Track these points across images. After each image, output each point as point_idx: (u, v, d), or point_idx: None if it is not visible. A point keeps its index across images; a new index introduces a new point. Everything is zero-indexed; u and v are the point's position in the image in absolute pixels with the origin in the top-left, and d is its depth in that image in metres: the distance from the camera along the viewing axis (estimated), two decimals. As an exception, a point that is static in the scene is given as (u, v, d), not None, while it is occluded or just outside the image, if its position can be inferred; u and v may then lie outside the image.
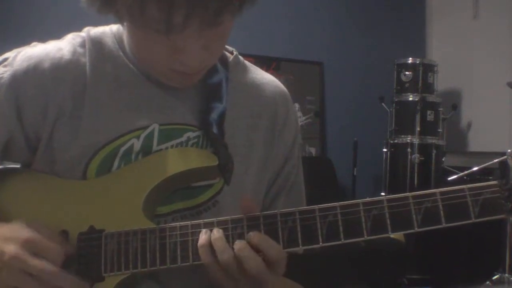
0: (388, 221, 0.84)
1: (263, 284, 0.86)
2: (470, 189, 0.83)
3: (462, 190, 0.83)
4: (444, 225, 0.82)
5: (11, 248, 0.83)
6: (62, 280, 0.85)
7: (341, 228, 0.85)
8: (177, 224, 0.89)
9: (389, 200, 0.85)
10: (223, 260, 0.84)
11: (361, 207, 0.85)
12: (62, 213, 0.93)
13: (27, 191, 0.96)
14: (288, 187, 1.10)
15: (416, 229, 0.83)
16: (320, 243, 0.85)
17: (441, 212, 0.83)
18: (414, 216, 0.83)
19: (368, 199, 0.85)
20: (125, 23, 0.89)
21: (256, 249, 0.85)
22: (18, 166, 0.99)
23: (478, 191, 0.83)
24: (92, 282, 0.88)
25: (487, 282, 2.95)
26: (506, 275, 2.92)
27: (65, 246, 0.88)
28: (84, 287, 0.87)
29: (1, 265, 0.83)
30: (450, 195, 0.83)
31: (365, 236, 0.84)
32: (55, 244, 0.86)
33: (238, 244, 0.84)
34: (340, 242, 0.85)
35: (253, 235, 0.85)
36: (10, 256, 0.83)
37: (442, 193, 0.84)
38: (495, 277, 2.96)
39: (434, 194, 0.84)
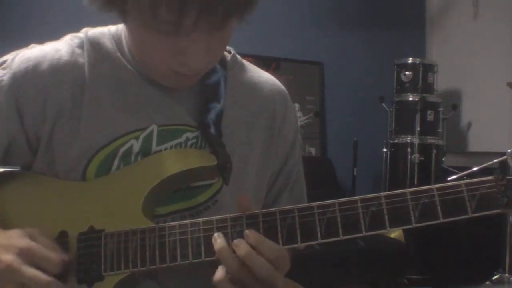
0: (386, 217, 0.84)
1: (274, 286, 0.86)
2: (466, 184, 0.84)
3: (459, 185, 0.84)
4: (441, 220, 0.83)
5: (7, 257, 0.83)
6: None
7: (339, 225, 0.85)
8: (176, 223, 0.89)
9: (387, 197, 0.85)
10: (231, 268, 0.84)
11: (359, 204, 0.85)
12: (62, 214, 0.93)
13: (27, 193, 0.97)
14: (291, 185, 1.10)
15: (414, 225, 0.84)
16: (319, 240, 0.85)
17: (439, 207, 0.84)
18: (411, 211, 0.84)
19: (366, 195, 0.86)
20: (128, 23, 0.89)
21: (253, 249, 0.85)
22: (18, 168, 0.99)
23: (475, 186, 0.84)
24: (92, 282, 0.89)
25: (487, 282, 2.95)
26: (506, 275, 2.92)
27: (63, 255, 0.88)
28: None
29: None
30: (447, 191, 0.84)
31: (364, 232, 0.85)
32: (53, 253, 0.86)
33: (243, 249, 0.84)
34: (338, 238, 0.85)
35: (250, 235, 0.85)
36: (6, 265, 0.83)
37: (439, 189, 0.84)
38: (495, 277, 2.96)
39: (431, 190, 0.84)
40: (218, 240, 0.85)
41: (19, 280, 0.83)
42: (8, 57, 0.99)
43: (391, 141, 3.80)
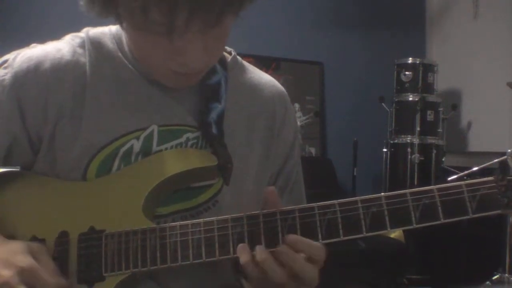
0: (387, 218, 0.84)
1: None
2: (467, 185, 0.84)
3: (459, 186, 0.84)
4: (442, 221, 0.83)
5: (6, 273, 0.83)
6: None
7: (340, 225, 0.85)
8: (177, 223, 0.89)
9: (387, 197, 0.85)
10: (275, 277, 0.84)
11: (360, 204, 0.85)
12: (62, 214, 0.93)
13: (28, 194, 0.96)
14: (290, 186, 1.10)
15: (415, 225, 0.84)
16: (320, 240, 0.86)
17: (439, 208, 0.84)
18: (412, 212, 0.84)
19: (366, 196, 0.86)
20: (124, 25, 0.90)
21: (296, 250, 0.85)
22: (18, 169, 0.99)
23: (475, 187, 0.84)
24: (92, 282, 0.89)
25: (487, 282, 2.96)
26: (506, 275, 2.92)
27: (62, 280, 0.87)
28: None
29: None
30: (447, 191, 0.84)
31: (364, 233, 0.85)
32: (51, 278, 0.86)
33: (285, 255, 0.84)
34: (339, 239, 0.85)
35: (290, 238, 0.85)
36: (3, 280, 0.83)
37: (439, 190, 0.84)
38: (495, 277, 2.96)
39: (431, 190, 0.84)
40: (259, 251, 0.85)
41: None
42: (9, 56, 0.98)
43: (391, 141, 3.80)
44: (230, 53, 1.08)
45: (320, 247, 0.86)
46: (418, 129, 3.70)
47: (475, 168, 3.00)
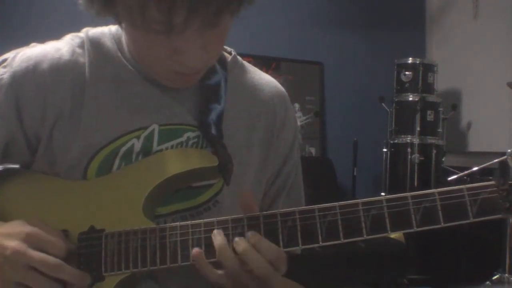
0: (387, 221, 0.84)
1: (269, 285, 0.86)
2: (468, 189, 0.83)
3: (460, 190, 0.84)
4: (442, 224, 0.83)
5: (13, 243, 0.84)
6: (64, 272, 0.85)
7: (340, 228, 0.85)
8: (177, 223, 0.89)
9: (388, 200, 0.85)
10: (229, 266, 0.84)
11: (360, 207, 0.85)
12: (62, 213, 0.93)
13: (28, 192, 0.96)
14: (288, 187, 1.10)
15: (415, 229, 0.83)
16: (320, 243, 0.85)
17: (440, 212, 0.83)
18: (413, 216, 0.84)
19: (367, 199, 0.86)
20: (123, 25, 0.89)
21: (256, 249, 0.85)
22: (17, 167, 0.99)
23: (476, 191, 0.83)
24: (92, 282, 0.89)
25: (487, 282, 2.96)
26: (506, 275, 2.92)
27: (66, 241, 0.89)
28: (85, 279, 0.87)
29: (4, 260, 0.84)
30: (448, 195, 0.84)
31: (365, 236, 0.84)
32: (57, 238, 0.87)
33: (241, 246, 0.84)
34: (339, 242, 0.85)
35: (251, 236, 0.85)
36: (12, 251, 0.83)
37: (440, 193, 0.84)
38: (495, 277, 2.96)
39: (432, 194, 0.84)
40: (218, 238, 0.85)
41: (27, 263, 0.83)
42: (9, 55, 0.98)
43: (391, 141, 3.80)
44: (230, 53, 1.08)
45: (278, 251, 0.85)
46: (418, 129, 3.70)
47: (475, 168, 3.00)
